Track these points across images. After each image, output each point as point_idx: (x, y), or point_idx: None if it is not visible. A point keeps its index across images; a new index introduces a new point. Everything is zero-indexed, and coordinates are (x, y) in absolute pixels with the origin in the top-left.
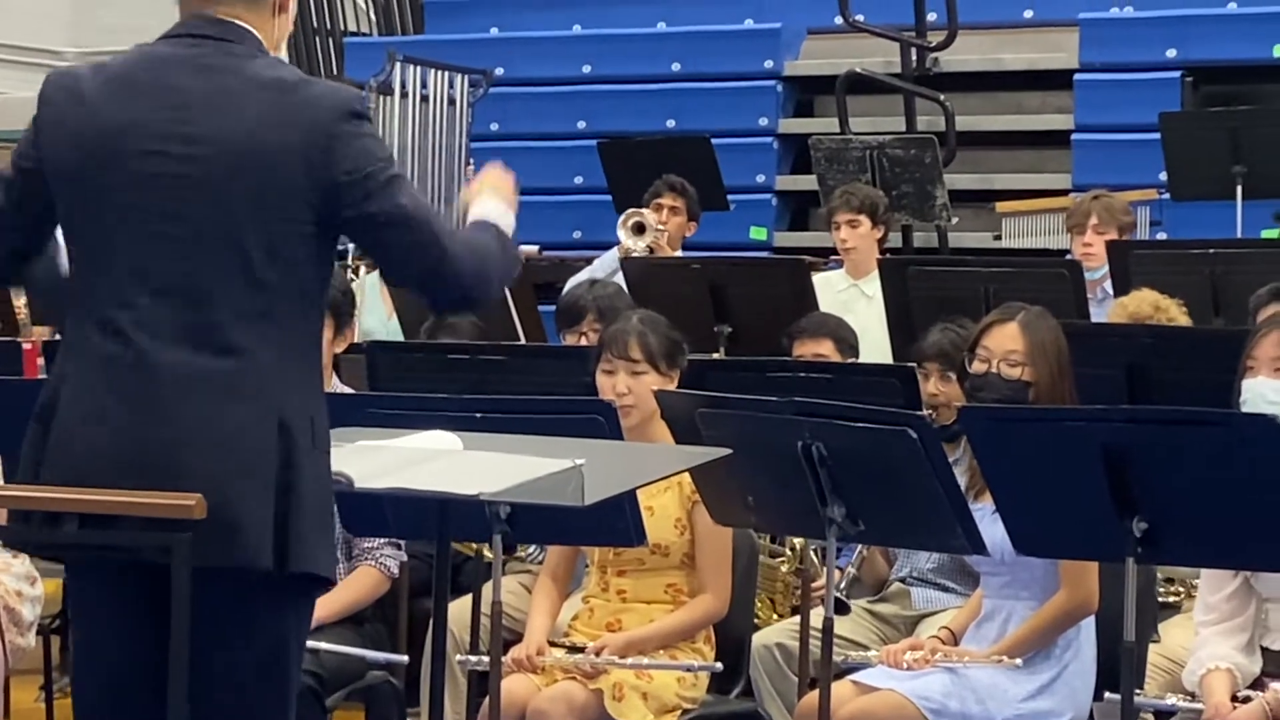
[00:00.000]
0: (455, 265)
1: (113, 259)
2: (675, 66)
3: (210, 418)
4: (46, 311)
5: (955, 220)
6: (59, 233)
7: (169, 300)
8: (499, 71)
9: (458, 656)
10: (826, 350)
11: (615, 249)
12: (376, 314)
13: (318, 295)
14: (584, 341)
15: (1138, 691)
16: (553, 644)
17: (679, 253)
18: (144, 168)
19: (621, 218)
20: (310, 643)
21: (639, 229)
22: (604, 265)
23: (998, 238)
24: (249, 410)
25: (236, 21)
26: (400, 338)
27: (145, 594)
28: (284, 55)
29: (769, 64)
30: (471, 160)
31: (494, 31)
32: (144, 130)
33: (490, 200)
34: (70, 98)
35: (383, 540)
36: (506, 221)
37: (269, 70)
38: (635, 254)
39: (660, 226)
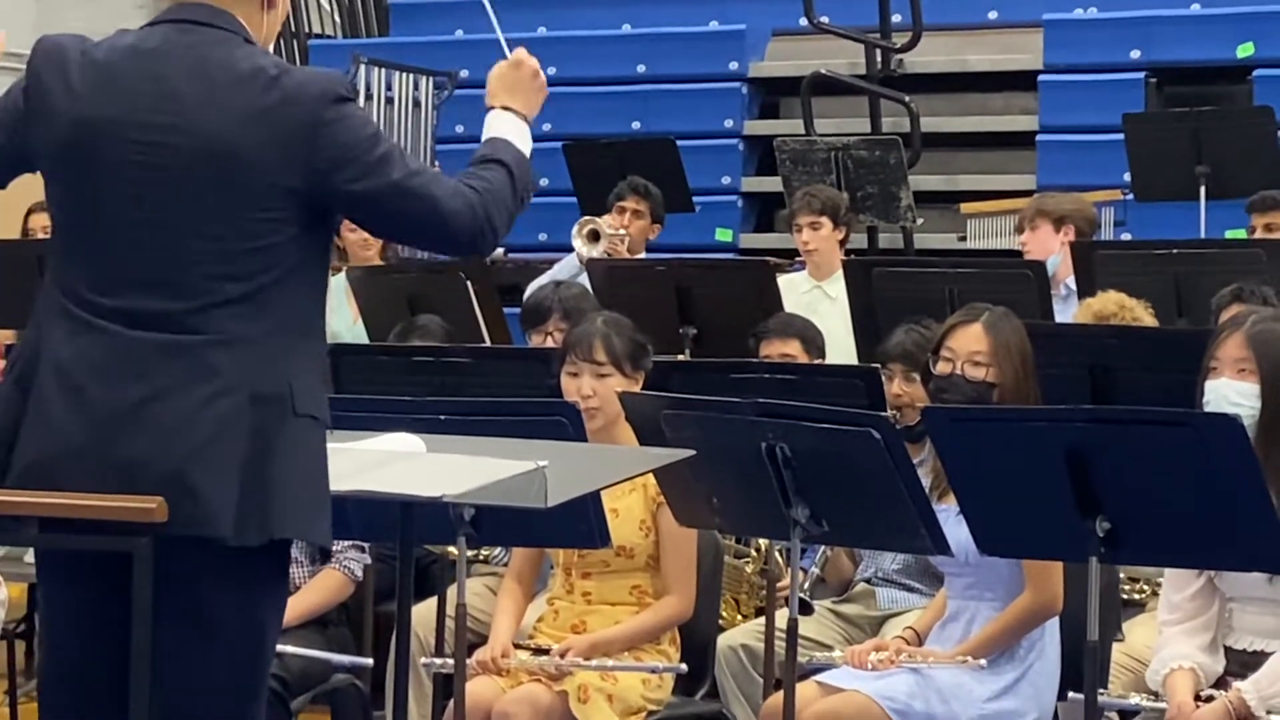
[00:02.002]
0: (457, 223)
1: (93, 244)
2: (640, 68)
3: (177, 394)
4: None
5: (920, 221)
6: None
7: (147, 287)
8: (464, 74)
9: (422, 659)
10: (793, 350)
11: (575, 254)
12: (342, 317)
13: (306, 277)
14: (549, 342)
15: (1102, 691)
16: (518, 646)
17: (643, 255)
18: (126, 156)
19: (576, 226)
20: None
21: (593, 237)
22: (565, 269)
23: (962, 239)
24: (217, 385)
25: (222, 8)
26: (365, 340)
27: (112, 583)
28: (272, 50)
29: (734, 65)
30: (437, 162)
31: (459, 34)
32: (127, 119)
33: (507, 115)
34: (58, 80)
35: (347, 543)
36: (524, 136)
37: (252, 60)
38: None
39: (617, 230)
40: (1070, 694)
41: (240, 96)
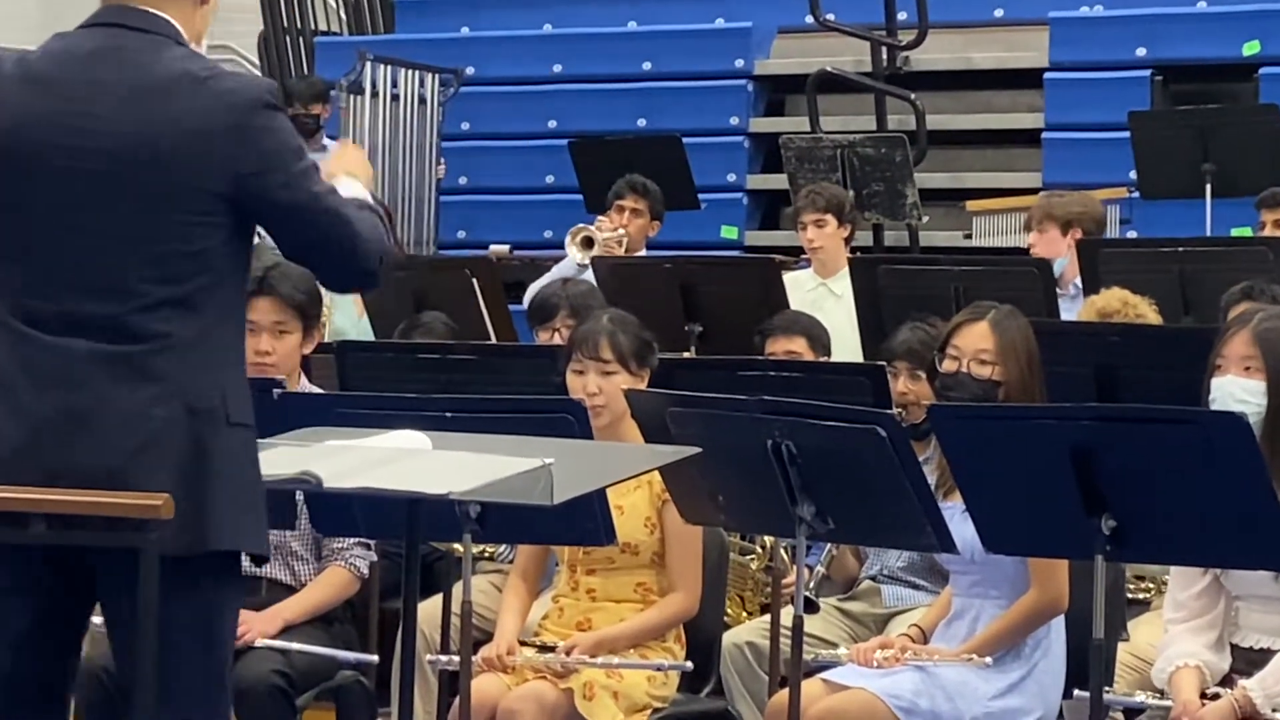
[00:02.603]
0: (365, 249)
1: (29, 249)
2: (646, 66)
3: (115, 398)
4: None
5: (926, 219)
6: None
7: (83, 291)
8: (470, 71)
9: (428, 656)
10: (799, 347)
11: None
12: (346, 313)
13: (234, 280)
14: (556, 339)
15: (1107, 689)
16: (523, 643)
17: (644, 252)
18: (58, 162)
19: (569, 234)
20: (280, 643)
21: (587, 244)
22: (564, 269)
23: (968, 236)
24: (154, 391)
25: (155, 11)
26: (370, 337)
27: (58, 592)
28: (204, 48)
29: (740, 63)
30: (443, 159)
31: (465, 31)
32: (58, 125)
33: (352, 183)
34: None
35: (352, 540)
36: (367, 198)
37: (182, 63)
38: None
39: (615, 231)
40: (1075, 692)
41: (169, 100)
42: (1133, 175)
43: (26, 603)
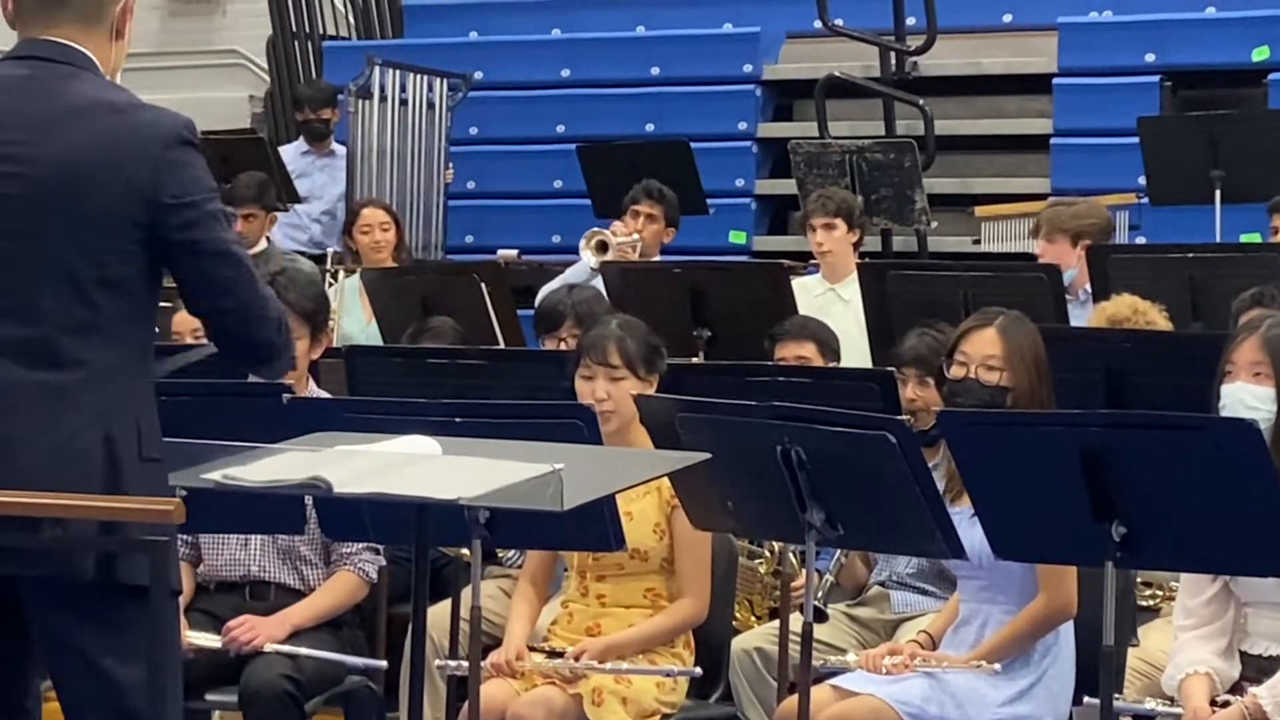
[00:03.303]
0: (267, 309)
1: None
2: (654, 70)
3: (42, 427)
4: None
5: (934, 224)
6: None
7: (3, 314)
8: (478, 75)
9: (437, 661)
10: (809, 352)
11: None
12: (355, 318)
13: (147, 310)
14: (563, 347)
15: (1117, 696)
16: (532, 649)
17: (657, 258)
18: None
19: (583, 239)
20: (288, 648)
21: (601, 248)
22: (576, 274)
23: (977, 242)
24: (78, 420)
25: (70, 44)
26: (379, 341)
27: None
28: (119, 79)
29: (748, 68)
30: (451, 164)
31: (473, 35)
32: None
33: None
34: None
35: (361, 545)
36: None
37: (100, 93)
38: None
39: (630, 236)
40: (1085, 699)
41: (88, 127)
42: (1142, 181)
43: None
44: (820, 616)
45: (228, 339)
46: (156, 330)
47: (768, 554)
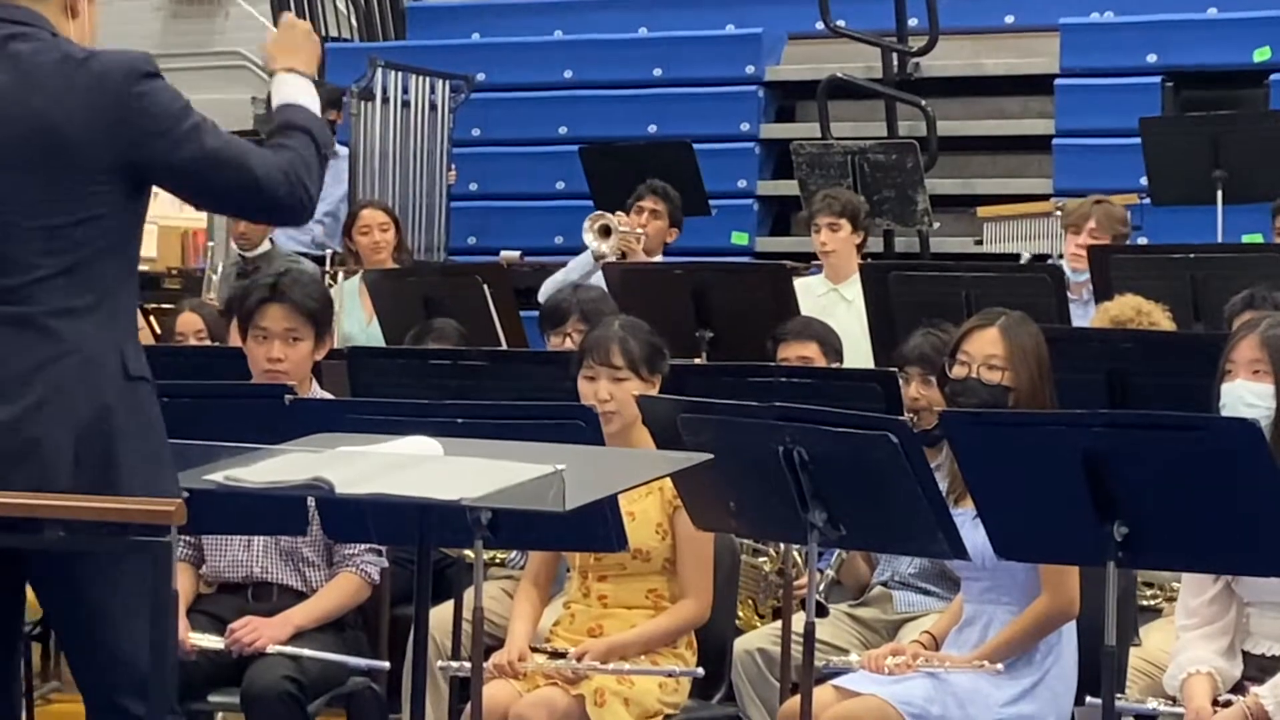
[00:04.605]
0: (273, 190)
1: None
2: (657, 72)
3: (13, 355)
4: None
5: (937, 225)
6: None
7: None
8: (480, 77)
9: (439, 662)
10: (812, 353)
11: (589, 251)
12: (356, 318)
13: (125, 250)
14: (568, 344)
15: (1119, 696)
16: (534, 649)
17: (660, 258)
18: None
19: (588, 220)
20: (291, 649)
21: (605, 232)
22: (579, 265)
23: (979, 242)
24: (52, 349)
25: (28, 6)
26: (380, 341)
27: None
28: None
29: (750, 69)
30: (454, 165)
31: (475, 37)
32: None
33: (291, 77)
34: None
35: (364, 546)
36: (311, 95)
37: (59, 48)
38: (607, 257)
39: (628, 228)
40: (1088, 699)
41: (52, 79)
42: (1144, 181)
43: None
44: (821, 611)
45: (248, 219)
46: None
47: (772, 552)
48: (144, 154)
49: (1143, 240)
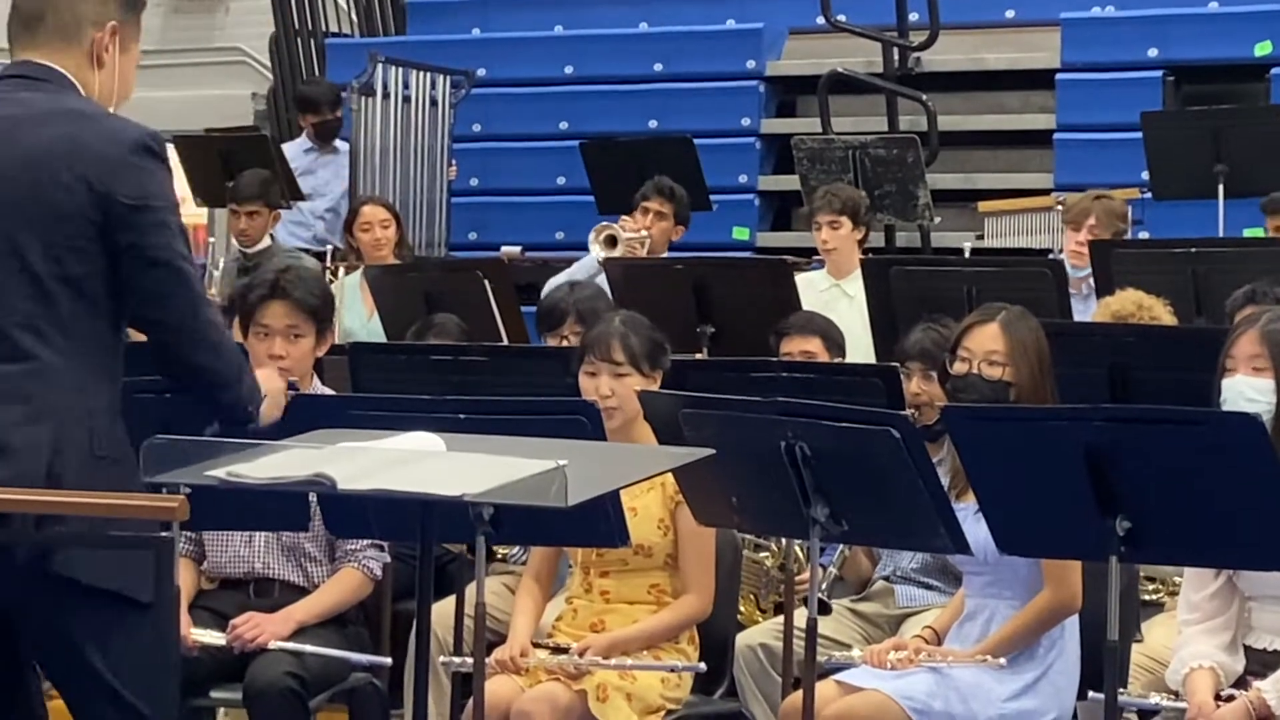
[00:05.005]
0: (204, 331)
1: None
2: (657, 67)
3: None
4: None
5: (938, 220)
6: None
7: None
8: (481, 72)
9: (441, 658)
10: (815, 348)
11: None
12: (356, 314)
13: (109, 311)
14: (565, 345)
15: (1121, 691)
16: (536, 645)
17: (666, 255)
18: None
19: (593, 231)
20: (293, 645)
21: (611, 242)
22: (584, 268)
23: (980, 237)
24: (24, 411)
25: (49, 64)
26: (380, 337)
27: None
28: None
29: (751, 64)
30: (454, 161)
31: (476, 32)
32: None
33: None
34: None
35: (365, 542)
36: (266, 385)
37: (68, 103)
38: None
39: (638, 233)
40: (1090, 693)
41: (54, 129)
42: (1145, 176)
43: None
44: (824, 609)
45: (164, 358)
46: (127, 333)
47: (774, 547)
48: (121, 221)
49: (1144, 235)
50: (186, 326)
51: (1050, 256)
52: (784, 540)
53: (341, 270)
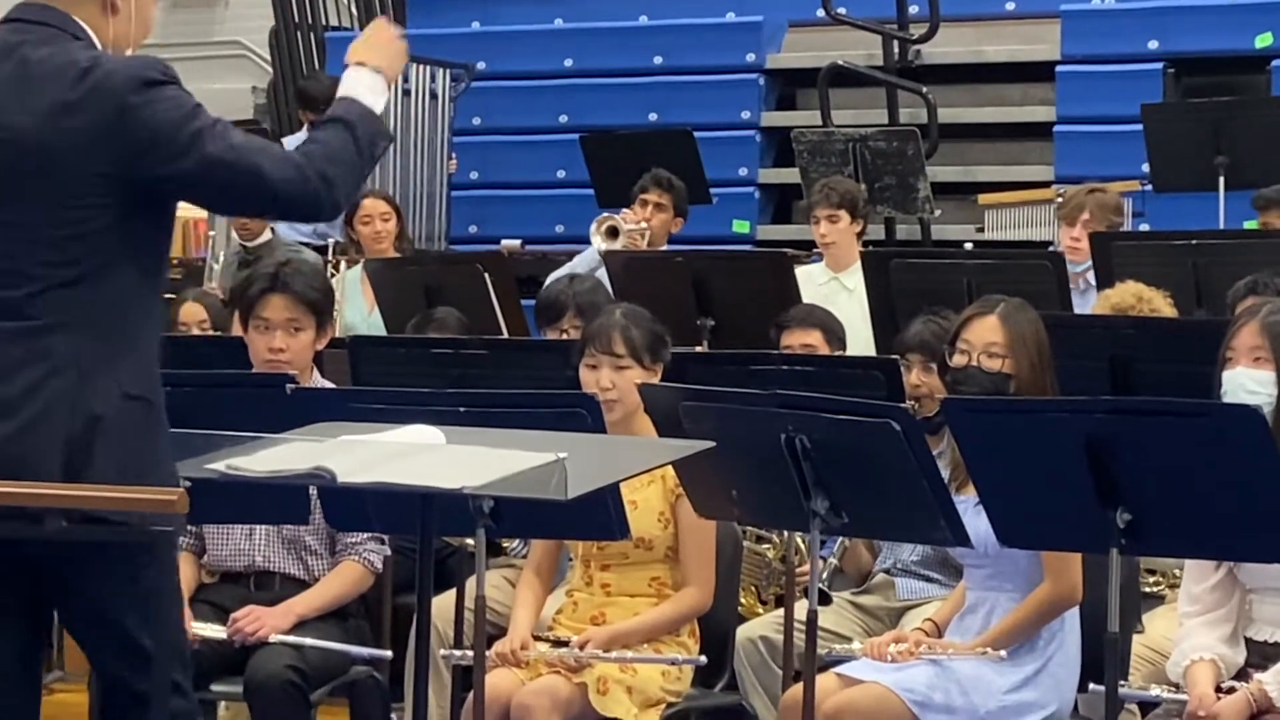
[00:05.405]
0: (286, 189)
1: None
2: (657, 60)
3: (13, 372)
4: None
5: (938, 212)
6: None
7: None
8: (481, 65)
9: (441, 651)
10: (815, 340)
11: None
12: (357, 308)
13: (136, 262)
14: (564, 338)
15: (1122, 683)
16: (537, 638)
17: (663, 247)
18: None
19: (594, 223)
20: (294, 638)
21: (612, 233)
22: (585, 261)
23: (980, 230)
24: (46, 367)
25: (63, 10)
26: (381, 330)
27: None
28: (127, 53)
29: (751, 57)
30: (454, 154)
31: (476, 26)
32: None
33: (362, 71)
34: None
35: (366, 535)
36: (375, 92)
37: (69, 55)
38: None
39: (638, 224)
40: (1091, 685)
41: (50, 91)
42: (1145, 168)
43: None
44: (824, 599)
45: (266, 218)
46: (165, 265)
47: (775, 539)
48: (139, 166)
49: (1144, 227)
50: (258, 194)
51: (1050, 249)
52: (784, 532)
53: (342, 264)
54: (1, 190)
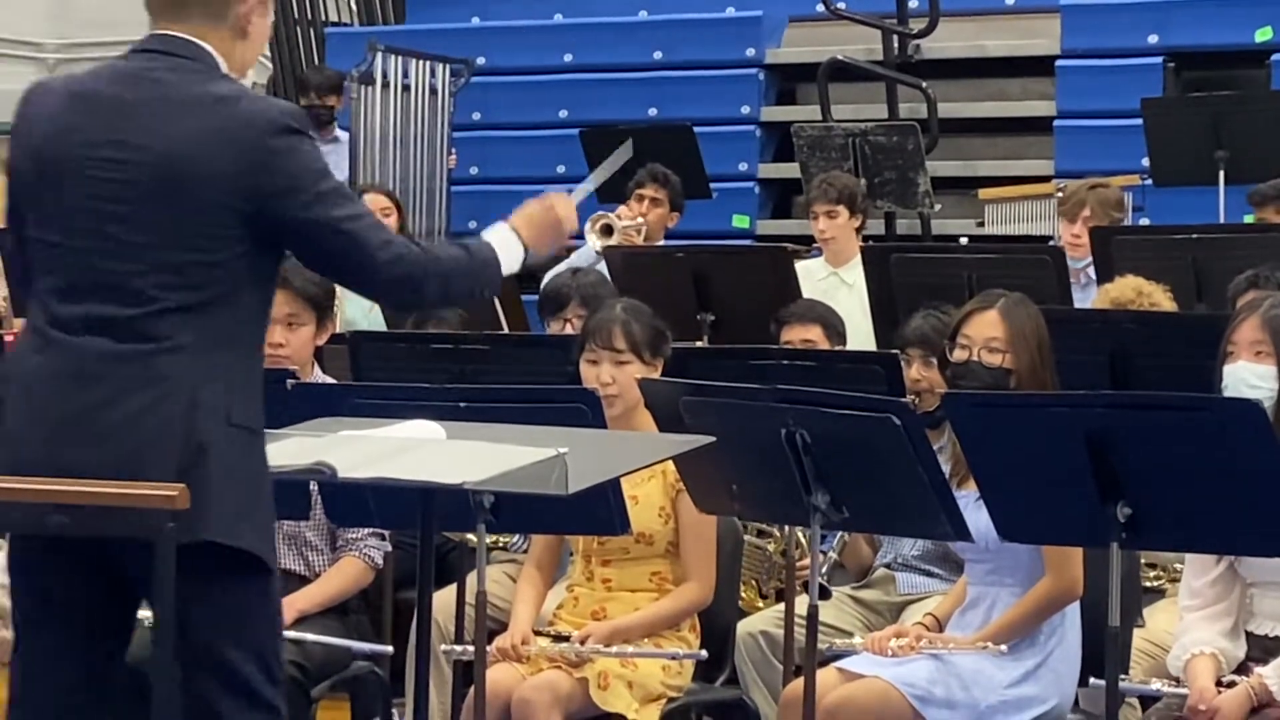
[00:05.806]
0: (386, 274)
1: (60, 258)
2: (657, 55)
3: (122, 396)
4: None
5: (938, 207)
6: None
7: (103, 294)
8: (480, 61)
9: (442, 646)
10: (815, 335)
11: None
12: (358, 304)
13: (254, 295)
14: (568, 330)
15: (1122, 677)
16: (538, 633)
17: (662, 242)
18: (87, 174)
19: (589, 222)
20: (294, 633)
21: (606, 231)
22: (582, 258)
23: (981, 224)
24: (158, 391)
25: (191, 39)
26: (382, 326)
27: (99, 594)
28: (249, 80)
29: (751, 52)
30: (454, 150)
31: (475, 21)
32: (87, 139)
33: (513, 237)
34: (36, 110)
35: (367, 530)
36: (511, 259)
37: (212, 86)
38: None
39: (634, 220)
40: (1091, 680)
41: (194, 118)
42: (1145, 162)
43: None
44: (824, 594)
45: (356, 290)
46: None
47: (777, 533)
48: (272, 208)
49: (1144, 221)
50: (357, 267)
51: (1051, 243)
52: (785, 527)
53: None
54: (128, 210)
